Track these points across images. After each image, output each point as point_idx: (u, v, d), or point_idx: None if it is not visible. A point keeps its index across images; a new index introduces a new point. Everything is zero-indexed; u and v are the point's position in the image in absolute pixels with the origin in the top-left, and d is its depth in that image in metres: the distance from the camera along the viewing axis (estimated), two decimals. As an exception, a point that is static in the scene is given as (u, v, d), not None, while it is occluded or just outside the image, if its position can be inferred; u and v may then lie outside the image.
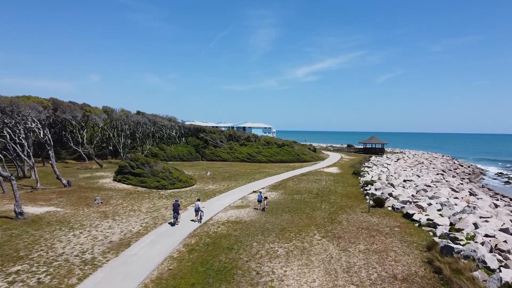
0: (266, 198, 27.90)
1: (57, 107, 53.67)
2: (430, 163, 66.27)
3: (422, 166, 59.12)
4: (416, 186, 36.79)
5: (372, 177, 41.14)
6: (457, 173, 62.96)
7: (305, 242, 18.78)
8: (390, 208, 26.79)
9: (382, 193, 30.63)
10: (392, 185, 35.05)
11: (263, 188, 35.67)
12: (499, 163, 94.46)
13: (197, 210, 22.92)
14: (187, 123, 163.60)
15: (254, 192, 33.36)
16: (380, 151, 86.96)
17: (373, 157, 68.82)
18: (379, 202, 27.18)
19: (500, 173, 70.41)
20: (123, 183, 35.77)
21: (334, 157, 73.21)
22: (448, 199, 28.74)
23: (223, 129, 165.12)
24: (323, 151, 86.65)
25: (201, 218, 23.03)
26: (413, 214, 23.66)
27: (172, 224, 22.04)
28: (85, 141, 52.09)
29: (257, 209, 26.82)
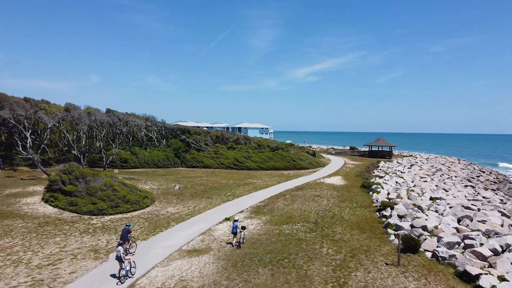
0: (243, 228, 19.00)
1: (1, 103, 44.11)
2: (449, 170, 56.56)
3: (442, 174, 49.43)
4: (451, 207, 27.08)
5: (388, 193, 31.36)
6: (481, 181, 53.25)
7: None
8: (429, 255, 17.04)
9: (411, 225, 20.81)
10: (420, 208, 25.26)
11: (241, 212, 25.91)
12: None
13: (119, 259, 13.52)
14: (180, 123, 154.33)
15: (227, 220, 23.62)
16: (387, 155, 77.20)
17: (382, 163, 59.12)
18: (411, 245, 17.44)
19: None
20: (50, 204, 26.01)
21: (336, 162, 63.44)
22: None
23: (220, 129, 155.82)
24: (323, 155, 76.90)
25: (126, 275, 13.64)
26: (477, 277, 13.94)
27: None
28: (30, 144, 42.30)
29: (231, 244, 18.43)
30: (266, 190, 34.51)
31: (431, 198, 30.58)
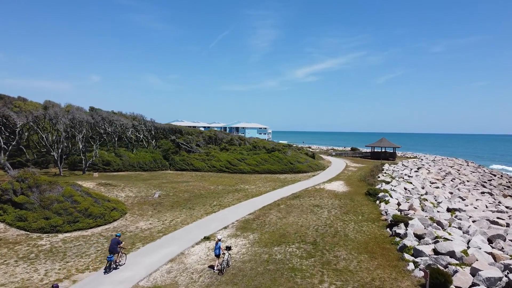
0: (228, 249, 15.40)
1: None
2: (459, 173, 52.37)
3: (453, 178, 45.25)
4: (474, 221, 22.90)
5: (398, 203, 27.14)
6: (494, 186, 49.05)
7: None
8: (465, 296, 12.86)
9: (434, 250, 16.58)
10: (439, 224, 21.02)
11: (225, 228, 21.70)
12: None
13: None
14: (176, 123, 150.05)
15: (206, 239, 19.40)
16: (391, 156, 73.02)
17: (386, 165, 54.92)
18: (440, 282, 13.24)
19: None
20: (-2, 218, 21.76)
21: (337, 164, 59.25)
22: None
23: (217, 129, 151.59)
24: (323, 156, 72.71)
25: None
26: None
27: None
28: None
29: (213, 269, 15.01)
30: (258, 199, 30.28)
31: (448, 210, 26.39)
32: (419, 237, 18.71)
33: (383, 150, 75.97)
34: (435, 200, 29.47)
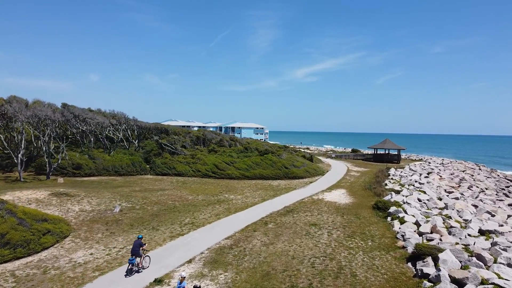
0: None
1: None
2: (473, 179, 46.87)
3: (470, 185, 39.71)
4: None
5: (417, 223, 21.53)
6: (513, 194, 43.55)
7: None
8: None
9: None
10: (479, 258, 15.44)
11: (190, 261, 16.09)
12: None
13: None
14: (170, 122, 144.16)
15: (157, 283, 13.79)
16: (396, 159, 67.56)
17: (392, 170, 49.40)
18: None
19: None
20: None
21: (337, 168, 53.71)
22: None
23: (211, 129, 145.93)
24: (322, 159, 67.17)
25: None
26: None
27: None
28: None
29: None
30: (242, 214, 24.69)
31: (480, 231, 20.86)
32: (458, 283, 13.15)
33: (387, 152, 70.55)
34: (460, 217, 23.92)
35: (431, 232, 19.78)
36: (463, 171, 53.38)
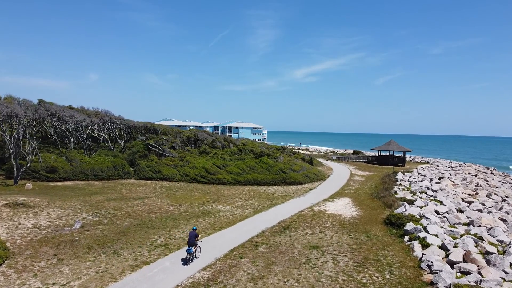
0: None
1: None
2: (489, 185, 42.73)
3: (488, 193, 35.49)
4: None
5: (443, 246, 17.34)
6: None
7: None
8: None
9: None
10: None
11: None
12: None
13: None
14: (165, 122, 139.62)
15: None
16: (401, 162, 63.40)
17: (400, 174, 45.24)
18: None
19: None
20: None
21: (339, 172, 49.53)
22: None
23: (208, 129, 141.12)
24: (322, 161, 62.98)
25: None
26: None
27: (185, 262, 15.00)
28: None
29: None
30: (229, 231, 20.46)
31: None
32: None
33: (391, 154, 66.41)
34: (493, 237, 19.75)
35: (464, 261, 15.63)
36: (476, 176, 49.24)
